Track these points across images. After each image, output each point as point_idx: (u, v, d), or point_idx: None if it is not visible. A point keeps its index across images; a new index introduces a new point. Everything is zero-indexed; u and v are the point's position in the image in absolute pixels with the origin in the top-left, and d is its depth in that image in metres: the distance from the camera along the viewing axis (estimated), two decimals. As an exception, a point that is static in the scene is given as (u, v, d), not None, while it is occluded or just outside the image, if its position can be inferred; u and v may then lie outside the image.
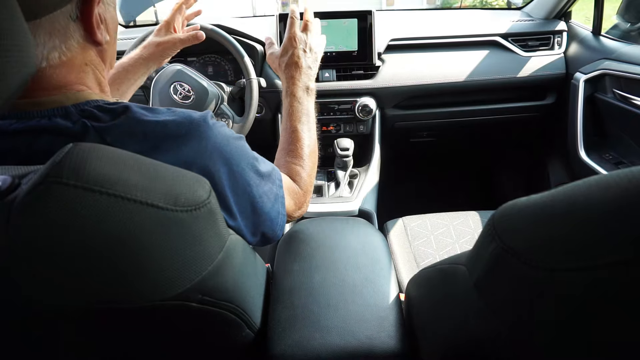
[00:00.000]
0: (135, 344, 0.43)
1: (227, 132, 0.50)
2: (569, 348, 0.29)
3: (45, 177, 0.29)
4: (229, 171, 0.48)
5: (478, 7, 2.68)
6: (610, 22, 1.31)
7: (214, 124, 0.47)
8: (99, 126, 0.42)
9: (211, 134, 0.46)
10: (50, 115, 0.42)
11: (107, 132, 0.42)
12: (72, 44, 0.43)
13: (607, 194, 0.25)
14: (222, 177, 0.47)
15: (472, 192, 1.88)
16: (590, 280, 0.25)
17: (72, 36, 0.43)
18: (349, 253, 0.66)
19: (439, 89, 1.29)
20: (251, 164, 0.52)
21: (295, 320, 0.54)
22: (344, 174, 1.20)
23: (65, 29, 0.42)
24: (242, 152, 0.51)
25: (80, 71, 0.45)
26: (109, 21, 0.48)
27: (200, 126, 0.46)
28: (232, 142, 0.50)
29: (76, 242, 0.30)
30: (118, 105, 0.44)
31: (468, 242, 0.99)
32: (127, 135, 0.42)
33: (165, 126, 0.44)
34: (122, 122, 0.43)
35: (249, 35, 1.23)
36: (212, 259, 0.39)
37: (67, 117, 0.42)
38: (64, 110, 0.43)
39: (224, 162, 0.48)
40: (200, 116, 0.46)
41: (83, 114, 0.43)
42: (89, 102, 0.44)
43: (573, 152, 1.25)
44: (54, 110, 0.42)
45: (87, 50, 0.46)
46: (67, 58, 0.43)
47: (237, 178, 0.49)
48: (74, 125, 0.42)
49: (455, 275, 0.42)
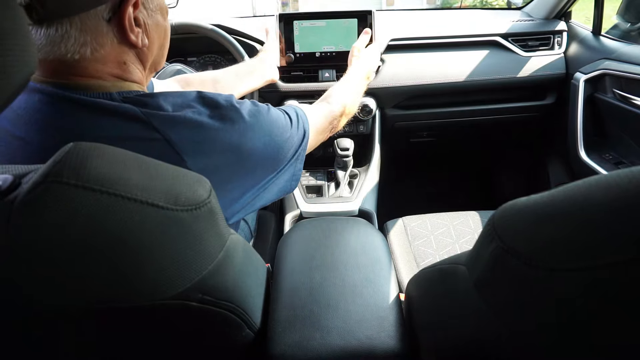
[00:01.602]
0: (136, 343, 0.43)
1: (254, 110, 0.55)
2: (570, 348, 0.29)
3: (45, 176, 0.29)
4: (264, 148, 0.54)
5: (478, 7, 2.68)
6: (610, 22, 1.31)
7: (242, 108, 0.53)
8: (146, 111, 0.46)
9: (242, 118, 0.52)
10: (95, 97, 0.45)
11: (154, 117, 0.46)
12: (106, 42, 0.46)
13: (607, 194, 0.25)
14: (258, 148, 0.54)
15: (472, 192, 1.88)
16: (590, 281, 0.25)
17: (105, 35, 0.46)
18: (349, 253, 0.66)
19: (439, 89, 1.29)
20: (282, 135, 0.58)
21: (295, 320, 0.54)
22: (344, 174, 1.20)
23: (96, 27, 0.45)
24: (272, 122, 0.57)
25: (116, 67, 0.48)
26: (150, 27, 0.51)
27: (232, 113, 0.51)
28: (266, 115, 0.56)
29: (77, 241, 0.30)
30: (159, 94, 0.48)
31: (468, 242, 0.99)
32: (169, 120, 0.46)
33: (202, 113, 0.49)
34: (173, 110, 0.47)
35: (249, 35, 1.23)
36: (212, 259, 0.39)
37: (112, 100, 0.46)
38: (108, 95, 0.46)
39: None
40: (227, 101, 0.52)
41: (126, 100, 0.46)
42: (131, 92, 0.48)
43: (573, 152, 1.25)
44: (98, 94, 0.46)
45: (124, 50, 0.48)
46: (101, 55, 0.46)
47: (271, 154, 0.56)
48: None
49: (455, 275, 0.42)
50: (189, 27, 1.05)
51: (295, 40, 1.21)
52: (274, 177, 0.59)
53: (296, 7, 8.62)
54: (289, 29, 1.21)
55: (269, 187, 0.59)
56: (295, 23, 1.20)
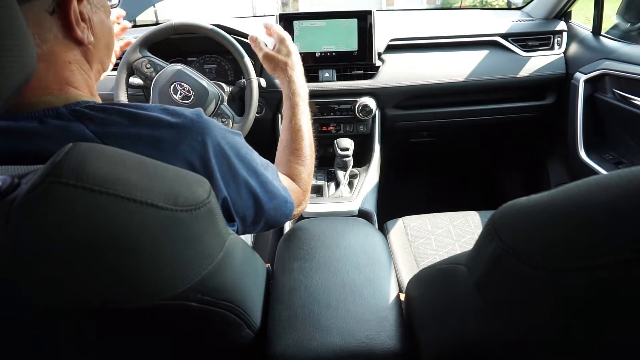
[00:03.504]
0: (135, 343, 0.43)
1: (222, 127, 0.51)
2: (570, 348, 0.29)
3: (45, 176, 0.29)
4: (228, 164, 0.49)
5: (478, 7, 2.68)
6: (610, 22, 1.31)
7: (208, 120, 0.48)
8: (94, 128, 0.42)
9: (208, 130, 0.47)
10: (42, 117, 0.42)
11: (108, 136, 0.42)
12: (49, 37, 0.43)
13: (607, 194, 0.25)
14: (221, 169, 0.48)
15: (472, 192, 1.88)
16: (590, 281, 0.25)
17: (49, 29, 0.43)
18: (349, 253, 0.66)
19: (439, 89, 1.29)
20: (249, 156, 0.54)
21: (295, 320, 0.54)
22: (344, 174, 1.20)
23: (39, 20, 0.42)
24: (239, 145, 0.52)
25: (63, 68, 0.45)
26: (95, 23, 0.48)
27: (195, 123, 0.46)
28: (229, 136, 0.51)
29: (76, 241, 0.30)
30: (111, 105, 0.44)
31: (468, 242, 0.99)
32: (124, 137, 0.42)
33: (161, 126, 0.44)
34: (117, 121, 0.43)
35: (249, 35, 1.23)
36: (211, 259, 0.39)
37: (58, 118, 0.42)
38: (54, 111, 0.43)
39: (222, 156, 0.48)
40: (193, 113, 0.47)
41: (74, 114, 0.42)
42: (80, 103, 0.44)
43: (573, 152, 1.25)
44: (45, 112, 0.42)
45: (69, 47, 0.46)
46: (44, 51, 0.43)
47: (236, 170, 0.50)
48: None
49: (455, 275, 0.42)
50: (189, 27, 1.05)
51: (295, 40, 1.21)
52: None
53: (296, 7, 8.62)
54: (289, 29, 1.21)
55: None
56: (295, 23, 1.21)
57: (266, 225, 0.59)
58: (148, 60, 1.03)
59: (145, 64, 1.03)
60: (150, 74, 1.02)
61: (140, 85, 1.08)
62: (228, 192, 0.49)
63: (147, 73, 1.03)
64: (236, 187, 0.51)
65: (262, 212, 0.56)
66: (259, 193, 0.54)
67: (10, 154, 0.41)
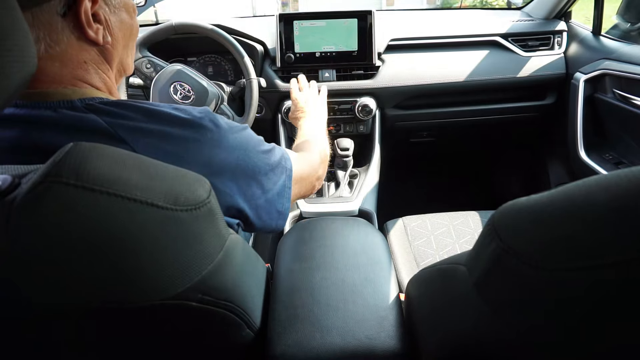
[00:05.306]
0: (135, 343, 0.43)
1: (231, 124, 0.53)
2: (570, 348, 0.29)
3: (45, 176, 0.29)
4: (236, 162, 0.51)
5: (478, 7, 2.68)
6: (610, 22, 1.31)
7: (216, 117, 0.50)
8: (110, 120, 0.43)
9: (216, 127, 0.49)
10: (57, 107, 0.43)
11: (120, 127, 0.43)
12: (61, 38, 0.44)
13: (607, 194, 0.25)
14: (229, 167, 0.50)
15: (472, 192, 1.88)
16: (590, 281, 0.25)
17: (61, 31, 0.43)
18: (349, 253, 0.66)
19: (439, 89, 1.29)
20: (259, 151, 0.56)
21: (295, 320, 0.54)
22: (344, 174, 1.20)
23: (50, 23, 0.42)
24: (249, 141, 0.55)
25: (78, 68, 0.46)
26: (113, 23, 0.49)
27: (203, 120, 0.48)
28: (238, 133, 0.53)
29: (76, 241, 0.30)
30: (125, 102, 0.45)
31: (468, 242, 0.99)
32: (137, 130, 0.44)
33: (173, 122, 0.46)
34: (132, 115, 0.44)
35: (249, 35, 1.23)
36: (212, 259, 0.39)
37: (73, 110, 0.43)
38: (69, 103, 0.44)
39: (230, 154, 0.50)
40: (202, 112, 0.49)
41: (89, 107, 0.44)
42: (94, 99, 0.45)
43: (573, 152, 1.25)
44: (59, 103, 0.43)
45: (84, 48, 0.46)
46: (56, 52, 0.44)
47: (245, 169, 0.52)
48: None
49: (455, 275, 0.42)
50: (189, 27, 1.05)
51: (295, 40, 1.21)
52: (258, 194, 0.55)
53: (296, 7, 8.62)
54: (289, 29, 1.21)
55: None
56: (295, 23, 1.21)
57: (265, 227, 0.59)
58: (148, 60, 1.03)
59: (145, 63, 1.03)
60: (150, 74, 1.02)
61: (140, 85, 1.08)
62: (238, 185, 0.51)
63: (147, 73, 1.03)
64: (241, 183, 0.52)
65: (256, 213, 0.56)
66: (257, 199, 0.55)
67: (21, 144, 0.42)
